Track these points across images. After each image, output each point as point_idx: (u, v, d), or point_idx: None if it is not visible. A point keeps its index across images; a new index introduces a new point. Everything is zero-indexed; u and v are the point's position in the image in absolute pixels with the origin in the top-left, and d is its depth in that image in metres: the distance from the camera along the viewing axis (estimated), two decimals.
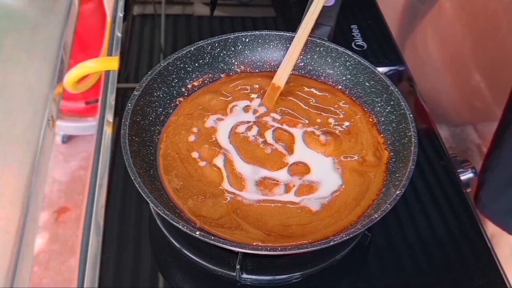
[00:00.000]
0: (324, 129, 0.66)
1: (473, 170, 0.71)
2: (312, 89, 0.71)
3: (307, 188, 0.59)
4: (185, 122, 0.66)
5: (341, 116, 0.68)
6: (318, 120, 0.67)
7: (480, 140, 1.51)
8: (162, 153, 0.62)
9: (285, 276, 0.58)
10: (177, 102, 0.68)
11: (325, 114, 0.68)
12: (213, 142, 0.64)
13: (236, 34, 0.71)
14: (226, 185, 0.59)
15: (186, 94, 0.70)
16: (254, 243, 0.53)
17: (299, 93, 0.71)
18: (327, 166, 0.62)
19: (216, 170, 0.61)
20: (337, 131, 0.65)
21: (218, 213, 0.56)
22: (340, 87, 0.72)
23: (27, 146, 0.66)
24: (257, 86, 0.72)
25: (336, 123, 0.67)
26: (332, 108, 0.69)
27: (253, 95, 0.70)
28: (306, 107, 0.69)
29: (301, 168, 0.62)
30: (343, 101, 0.70)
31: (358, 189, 0.59)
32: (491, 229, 1.06)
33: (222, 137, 0.64)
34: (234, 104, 0.69)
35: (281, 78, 0.69)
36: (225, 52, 0.72)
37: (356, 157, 0.63)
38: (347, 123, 0.67)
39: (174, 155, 0.62)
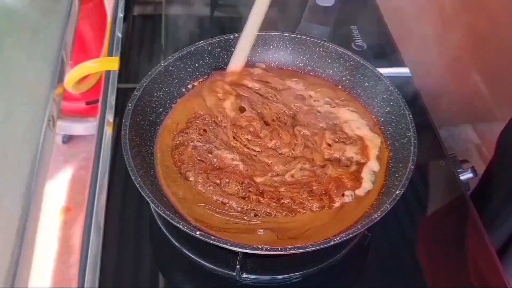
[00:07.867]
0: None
1: (473, 170, 0.71)
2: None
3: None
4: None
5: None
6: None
7: (479, 140, 1.51)
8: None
9: (285, 276, 0.58)
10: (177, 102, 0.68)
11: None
12: None
13: (236, 35, 0.71)
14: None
15: (186, 94, 0.70)
16: (254, 244, 0.53)
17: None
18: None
19: None
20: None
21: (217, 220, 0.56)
22: (340, 87, 0.72)
23: (27, 146, 0.65)
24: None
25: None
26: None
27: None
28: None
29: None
30: (342, 98, 0.70)
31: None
32: None
33: None
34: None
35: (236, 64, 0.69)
36: (225, 52, 0.72)
37: (356, 158, 0.63)
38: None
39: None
